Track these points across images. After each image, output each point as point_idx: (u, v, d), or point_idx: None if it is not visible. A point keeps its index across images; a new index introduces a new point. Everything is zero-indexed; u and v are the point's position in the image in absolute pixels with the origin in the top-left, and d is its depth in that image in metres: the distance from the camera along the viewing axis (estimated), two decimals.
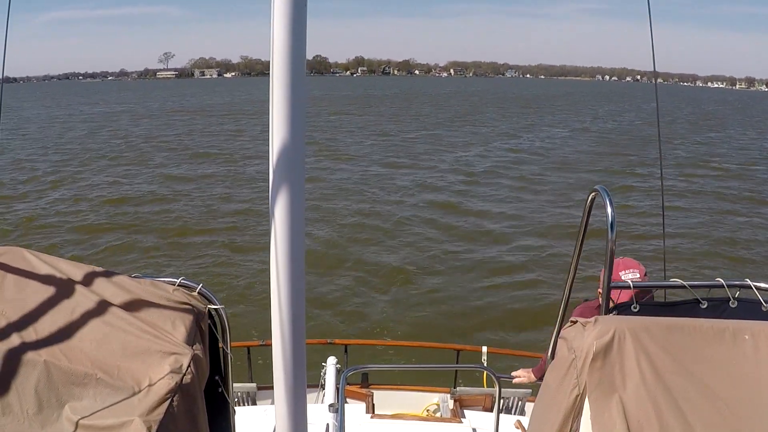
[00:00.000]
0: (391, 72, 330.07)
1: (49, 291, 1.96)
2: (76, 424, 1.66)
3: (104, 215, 20.69)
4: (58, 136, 45.73)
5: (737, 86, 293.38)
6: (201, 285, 2.15)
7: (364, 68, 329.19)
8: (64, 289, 1.98)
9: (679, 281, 2.30)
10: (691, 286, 2.28)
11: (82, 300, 1.96)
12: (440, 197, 24.18)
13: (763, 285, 2.25)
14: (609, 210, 2.15)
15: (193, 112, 68.99)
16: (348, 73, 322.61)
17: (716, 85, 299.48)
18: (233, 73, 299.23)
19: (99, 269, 2.10)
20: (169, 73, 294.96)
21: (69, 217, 20.51)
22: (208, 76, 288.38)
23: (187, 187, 25.73)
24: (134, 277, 2.13)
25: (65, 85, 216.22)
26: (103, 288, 2.03)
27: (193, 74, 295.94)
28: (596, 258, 11.92)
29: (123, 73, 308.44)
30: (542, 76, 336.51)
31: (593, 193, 2.30)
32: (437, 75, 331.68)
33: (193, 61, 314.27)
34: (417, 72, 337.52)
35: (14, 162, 32.12)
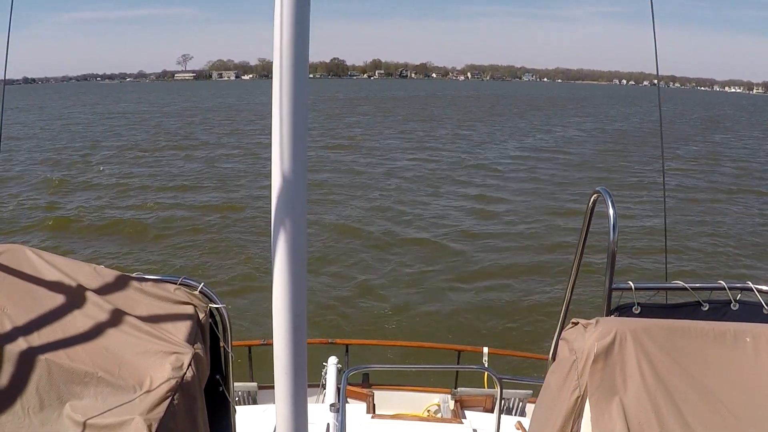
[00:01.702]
0: (408, 75, 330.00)
1: (50, 289, 1.97)
2: (77, 423, 1.66)
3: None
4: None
5: (754, 91, 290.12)
6: (202, 284, 2.15)
7: (381, 71, 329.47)
8: (65, 287, 1.99)
9: (681, 283, 2.28)
10: (693, 288, 2.26)
11: (83, 298, 1.97)
12: (442, 198, 24.30)
13: (764, 287, 2.23)
14: (611, 211, 2.13)
15: None
16: (365, 76, 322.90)
17: (734, 90, 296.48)
18: (251, 75, 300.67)
19: (100, 267, 2.11)
20: (187, 74, 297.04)
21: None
22: (226, 78, 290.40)
23: (191, 184, 26.07)
24: (136, 275, 2.14)
25: (84, 87, 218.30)
26: (105, 286, 2.04)
27: (210, 76, 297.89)
28: (598, 259, 11.89)
29: (141, 75, 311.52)
30: (559, 80, 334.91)
31: (595, 195, 2.29)
32: (454, 78, 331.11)
33: (211, 63, 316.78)
34: (434, 75, 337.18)
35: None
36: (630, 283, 2.25)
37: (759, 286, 2.23)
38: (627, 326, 1.96)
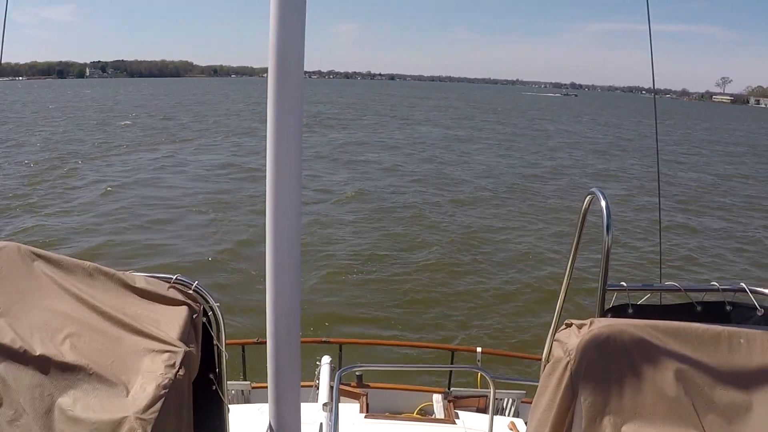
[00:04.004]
0: None
1: (43, 287, 1.97)
2: (70, 419, 1.66)
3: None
4: None
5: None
6: (196, 282, 2.15)
7: None
8: (58, 285, 1.99)
9: (675, 284, 2.28)
10: (686, 290, 2.26)
11: (75, 296, 1.97)
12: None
13: (758, 289, 2.23)
14: (605, 212, 2.14)
15: None
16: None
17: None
18: None
19: (94, 265, 2.10)
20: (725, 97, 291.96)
21: None
22: None
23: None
24: (130, 273, 2.13)
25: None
26: (98, 284, 2.04)
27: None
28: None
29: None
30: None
31: (589, 196, 2.29)
32: None
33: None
34: None
35: None
36: (623, 284, 2.25)
37: (753, 288, 2.23)
38: (620, 327, 1.97)
